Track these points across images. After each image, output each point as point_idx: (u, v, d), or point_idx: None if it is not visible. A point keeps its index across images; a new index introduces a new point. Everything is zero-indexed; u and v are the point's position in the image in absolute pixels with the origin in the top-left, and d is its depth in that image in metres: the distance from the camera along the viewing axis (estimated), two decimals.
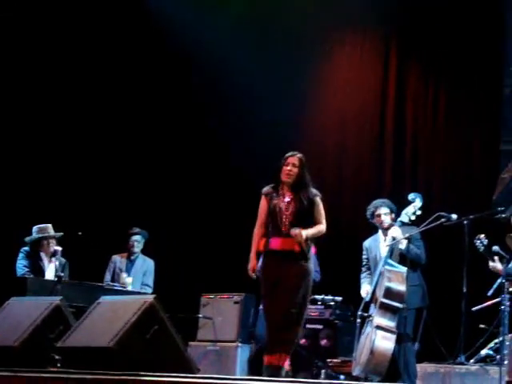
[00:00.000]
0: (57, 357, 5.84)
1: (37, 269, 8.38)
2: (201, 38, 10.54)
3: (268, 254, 6.56)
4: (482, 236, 7.66)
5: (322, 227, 6.60)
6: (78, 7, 10.73)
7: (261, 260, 6.59)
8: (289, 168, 6.60)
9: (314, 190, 6.64)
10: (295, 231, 6.46)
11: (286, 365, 6.47)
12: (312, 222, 6.57)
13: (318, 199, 6.62)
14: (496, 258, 7.57)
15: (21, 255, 8.48)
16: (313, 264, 6.69)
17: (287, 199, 6.57)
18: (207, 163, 10.67)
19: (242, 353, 8.74)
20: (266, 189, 6.69)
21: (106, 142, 10.84)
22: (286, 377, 6.30)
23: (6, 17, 10.49)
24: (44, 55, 10.69)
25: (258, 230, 6.67)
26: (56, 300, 6.39)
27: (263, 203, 6.66)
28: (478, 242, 7.66)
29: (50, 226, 8.54)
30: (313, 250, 6.73)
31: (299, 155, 6.68)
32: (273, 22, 10.66)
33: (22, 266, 8.41)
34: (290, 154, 6.69)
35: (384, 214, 7.64)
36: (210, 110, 10.82)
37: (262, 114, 10.34)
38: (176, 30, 10.67)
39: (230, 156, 10.53)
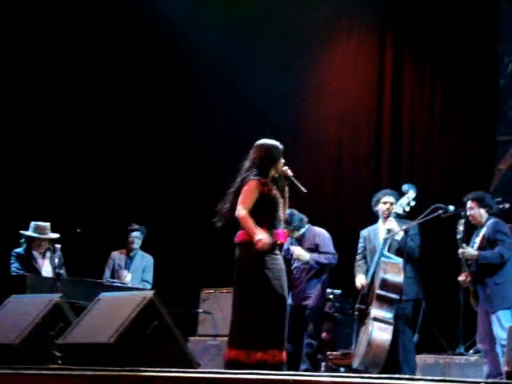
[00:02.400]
0: (57, 354, 5.85)
1: (31, 269, 8.27)
2: (196, 33, 10.54)
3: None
4: (462, 221, 7.47)
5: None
6: (78, 8, 10.74)
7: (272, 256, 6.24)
8: None
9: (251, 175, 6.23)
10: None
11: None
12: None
13: (250, 182, 6.26)
14: (464, 244, 7.29)
15: (13, 259, 8.39)
16: None
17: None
18: (204, 159, 10.66)
19: None
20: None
21: (104, 139, 10.87)
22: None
23: (6, 17, 10.49)
24: (43, 56, 10.69)
25: None
26: (56, 297, 6.40)
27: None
28: (459, 229, 7.34)
29: (47, 225, 8.44)
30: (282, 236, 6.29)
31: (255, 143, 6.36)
32: (269, 12, 10.66)
33: (15, 269, 8.32)
34: None
35: (389, 202, 7.61)
36: (207, 106, 10.83)
37: (257, 105, 10.35)
38: (173, 30, 10.71)
39: (229, 150, 10.51)
